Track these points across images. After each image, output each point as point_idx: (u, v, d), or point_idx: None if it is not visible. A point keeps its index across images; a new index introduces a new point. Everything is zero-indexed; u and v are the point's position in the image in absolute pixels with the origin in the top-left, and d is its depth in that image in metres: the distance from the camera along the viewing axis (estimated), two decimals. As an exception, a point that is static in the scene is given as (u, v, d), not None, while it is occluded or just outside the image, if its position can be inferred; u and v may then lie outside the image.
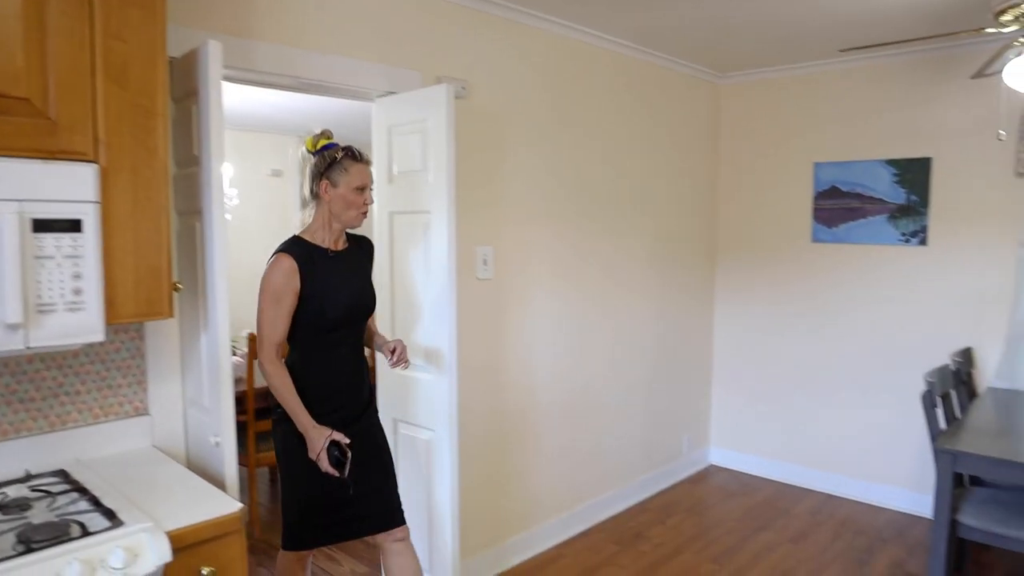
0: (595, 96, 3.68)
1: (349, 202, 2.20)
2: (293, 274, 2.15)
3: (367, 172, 2.23)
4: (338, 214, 2.22)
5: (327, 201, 2.22)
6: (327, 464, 2.14)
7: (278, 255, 2.18)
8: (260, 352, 2.18)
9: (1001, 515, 2.80)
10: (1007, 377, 3.64)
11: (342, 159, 2.20)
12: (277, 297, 2.15)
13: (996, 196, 3.68)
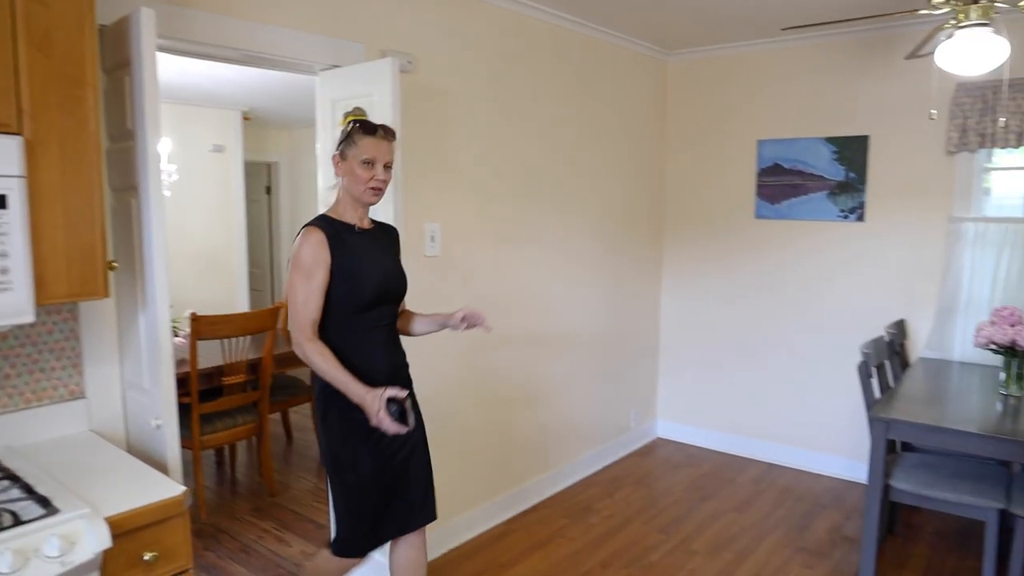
0: (544, 72, 3.66)
1: (356, 176, 2.08)
2: (323, 246, 2.03)
3: (379, 146, 2.08)
4: (349, 189, 2.12)
5: (339, 176, 2.14)
6: (389, 423, 1.98)
7: (306, 229, 2.07)
8: (296, 333, 2.03)
9: (929, 478, 2.93)
10: (937, 347, 3.80)
11: (352, 132, 2.10)
12: (308, 272, 2.02)
13: (929, 173, 3.81)
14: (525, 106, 3.57)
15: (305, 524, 3.57)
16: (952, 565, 3.21)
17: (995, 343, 3.03)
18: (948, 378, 3.46)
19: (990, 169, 3.76)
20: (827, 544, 3.40)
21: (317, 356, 2.02)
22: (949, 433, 2.72)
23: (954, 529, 3.56)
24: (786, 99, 4.22)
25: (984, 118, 3.54)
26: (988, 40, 2.44)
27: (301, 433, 4.95)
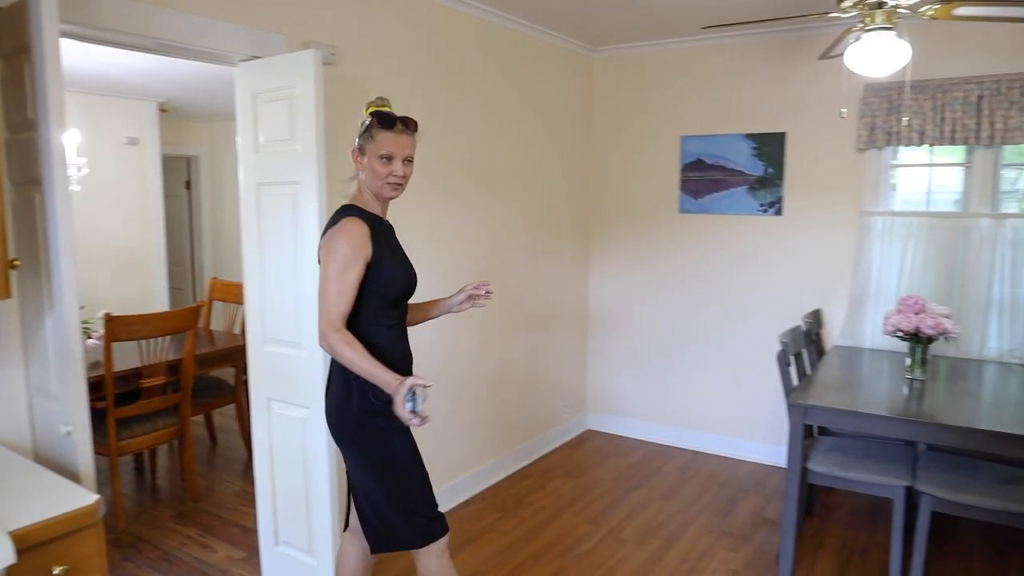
0: (471, 66, 3.65)
1: (374, 171, 2.03)
2: (367, 239, 1.98)
3: (397, 140, 2.02)
4: (368, 183, 2.07)
5: (359, 170, 2.10)
6: (403, 411, 1.88)
7: (349, 219, 1.98)
8: (324, 325, 1.93)
9: (844, 460, 3.08)
10: (850, 335, 3.98)
11: (370, 125, 2.04)
12: (347, 264, 1.94)
13: (841, 169, 3.98)
14: (453, 100, 3.55)
15: (231, 529, 3.47)
16: (864, 540, 3.38)
17: (901, 330, 3.20)
18: (860, 364, 3.63)
19: (896, 166, 3.96)
20: (750, 527, 3.52)
21: (346, 347, 1.92)
22: (861, 417, 2.85)
23: (866, 507, 3.75)
24: (708, 96, 4.34)
25: (890, 117, 3.73)
26: (892, 43, 2.57)
27: (226, 435, 4.81)
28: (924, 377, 3.26)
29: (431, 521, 2.13)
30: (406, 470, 2.10)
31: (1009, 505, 2.69)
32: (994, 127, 3.50)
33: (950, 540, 3.39)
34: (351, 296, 1.96)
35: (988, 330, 3.66)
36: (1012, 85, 3.45)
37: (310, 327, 2.56)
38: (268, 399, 2.77)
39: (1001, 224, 3.58)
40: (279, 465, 2.78)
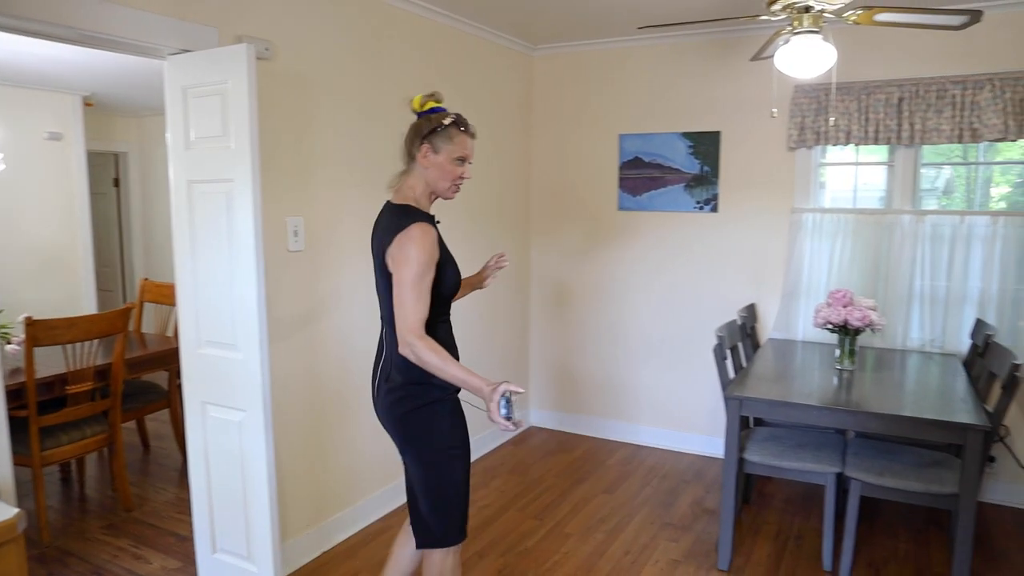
0: (409, 63, 3.62)
1: (446, 172, 2.07)
2: (435, 245, 2.01)
3: (471, 145, 2.10)
4: (433, 182, 2.10)
5: (423, 167, 2.09)
6: (499, 417, 1.90)
7: (420, 224, 1.98)
8: (408, 333, 1.93)
9: (778, 450, 3.17)
10: (783, 328, 4.11)
11: (449, 126, 2.06)
12: (424, 271, 1.96)
13: (773, 168, 4.11)
14: (392, 97, 3.51)
15: (166, 538, 3.37)
16: (799, 526, 3.50)
17: (831, 323, 3.32)
18: (793, 356, 3.75)
19: (825, 164, 4.10)
20: (690, 517, 3.60)
21: (432, 354, 1.93)
22: (794, 407, 2.95)
23: (801, 494, 3.88)
24: (645, 95, 4.41)
25: (818, 117, 3.86)
26: (818, 46, 2.66)
27: (159, 441, 4.66)
28: (852, 367, 3.39)
29: (462, 522, 2.17)
30: (455, 464, 2.13)
31: (931, 487, 2.83)
32: (914, 128, 3.66)
33: (878, 522, 3.54)
34: (428, 301, 1.98)
35: (911, 321, 3.83)
36: (929, 88, 3.61)
37: (246, 328, 2.50)
38: (203, 403, 2.70)
39: (921, 220, 3.75)
40: (215, 470, 2.71)
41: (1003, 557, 3.22)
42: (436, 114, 2.11)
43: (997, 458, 3.74)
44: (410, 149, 2.11)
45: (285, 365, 2.99)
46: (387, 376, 2.14)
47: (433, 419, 2.09)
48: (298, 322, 3.05)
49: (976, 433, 2.62)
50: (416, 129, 2.10)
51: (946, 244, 3.72)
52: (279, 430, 2.89)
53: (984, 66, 3.55)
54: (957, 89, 3.56)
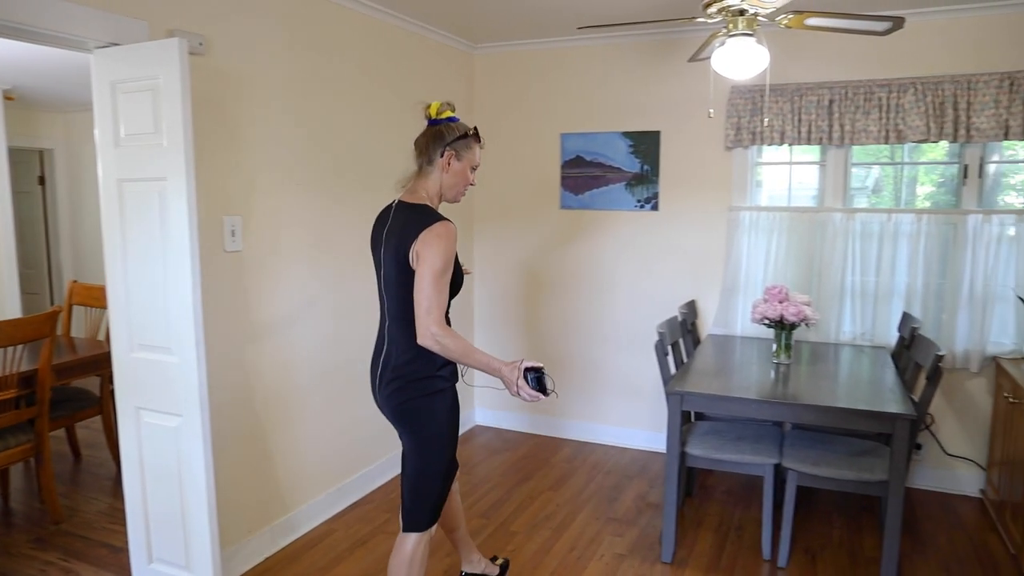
0: (349, 60, 3.57)
1: (462, 178, 2.24)
2: (456, 243, 2.13)
3: (480, 155, 2.29)
4: (449, 187, 2.24)
5: (443, 171, 2.21)
6: (529, 390, 2.10)
7: (445, 223, 2.10)
8: (432, 324, 2.04)
9: (719, 443, 3.25)
10: (722, 324, 4.21)
11: (471, 137, 2.23)
12: (446, 267, 2.08)
13: (712, 166, 4.20)
14: (332, 95, 3.46)
15: (98, 550, 3.24)
16: (739, 517, 3.59)
17: (768, 318, 3.41)
18: (732, 351, 3.84)
19: (761, 164, 4.21)
20: (634, 512, 3.66)
21: (453, 340, 2.06)
22: (733, 401, 3.02)
23: (741, 485, 3.98)
24: (586, 95, 4.45)
25: (754, 118, 3.96)
26: (752, 48, 2.73)
27: (91, 450, 4.49)
28: (789, 361, 3.49)
29: (435, 511, 2.32)
30: (442, 454, 2.28)
31: (862, 475, 2.94)
32: (843, 129, 3.79)
33: (814, 510, 3.66)
34: (447, 294, 2.12)
35: (843, 316, 3.97)
36: (857, 91, 3.75)
37: (181, 331, 2.43)
38: (137, 408, 2.61)
39: (852, 218, 3.89)
40: (151, 478, 2.63)
41: (930, 539, 3.37)
42: (455, 123, 2.23)
43: (924, 445, 3.92)
44: (430, 154, 2.22)
45: (224, 368, 2.91)
46: (389, 368, 2.25)
47: (431, 409, 2.23)
48: (237, 324, 2.98)
49: (903, 422, 2.73)
50: (438, 136, 2.22)
51: (875, 241, 3.87)
52: (218, 435, 2.82)
53: (907, 70, 3.70)
54: (883, 92, 3.70)
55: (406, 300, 2.15)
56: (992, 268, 3.67)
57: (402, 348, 2.21)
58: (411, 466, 2.28)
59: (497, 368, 2.13)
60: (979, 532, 3.45)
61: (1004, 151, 3.78)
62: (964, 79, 3.56)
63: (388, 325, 2.29)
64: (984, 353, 3.72)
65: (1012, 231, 3.63)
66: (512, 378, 2.11)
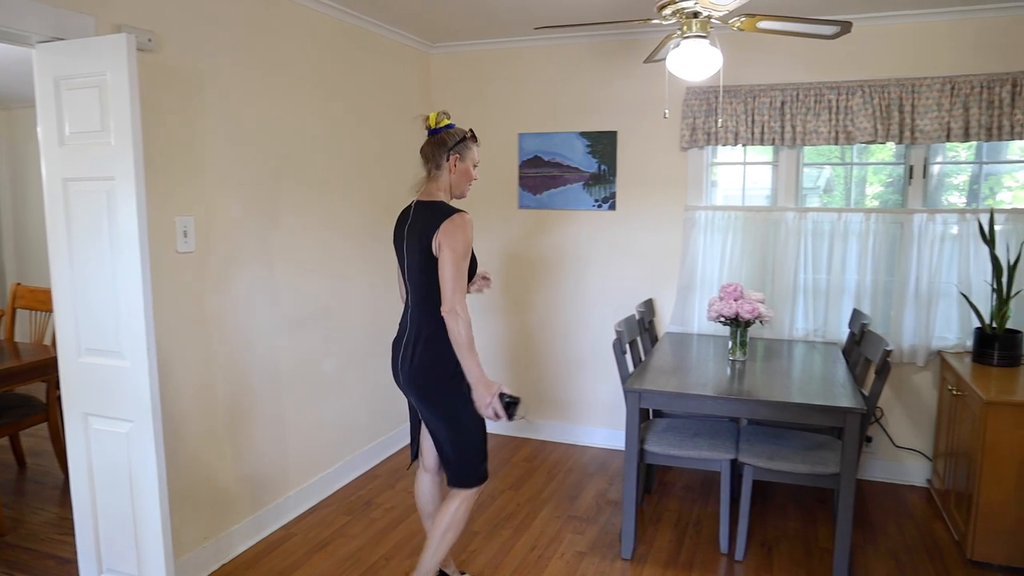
0: (305, 59, 3.52)
1: (467, 175, 2.55)
2: (471, 232, 2.42)
3: (478, 152, 2.59)
4: (456, 185, 2.54)
5: (450, 172, 2.51)
6: (496, 409, 2.37)
7: (463, 215, 2.41)
8: (455, 302, 2.33)
9: (677, 439, 3.29)
10: (679, 322, 4.26)
11: (469, 139, 2.52)
12: (466, 253, 2.39)
13: (668, 167, 4.25)
14: (288, 94, 3.41)
15: (45, 561, 3.14)
16: (698, 512, 3.64)
17: (723, 316, 3.47)
18: (689, 349, 3.89)
19: (716, 164, 4.28)
20: (595, 509, 3.68)
21: (466, 326, 2.35)
22: (690, 398, 3.07)
23: (699, 481, 4.04)
24: (544, 95, 4.47)
25: (709, 119, 4.03)
26: (706, 50, 2.77)
27: (37, 458, 4.34)
28: (744, 358, 3.55)
29: (482, 469, 2.57)
30: (472, 422, 2.50)
31: (815, 468, 3.00)
32: (795, 130, 3.88)
33: (770, 504, 3.73)
34: (467, 278, 2.41)
35: (796, 313, 4.06)
36: (808, 92, 3.84)
37: (132, 334, 2.37)
38: (86, 414, 2.54)
39: (804, 217, 3.98)
40: (101, 486, 2.56)
41: (880, 529, 3.46)
42: (453, 129, 2.52)
43: (874, 438, 4.03)
44: (437, 160, 2.51)
45: (177, 371, 2.85)
46: (412, 349, 2.50)
47: (453, 385, 2.45)
48: (190, 326, 2.92)
49: (854, 416, 2.81)
50: (441, 143, 2.50)
51: (826, 239, 3.96)
52: (171, 440, 2.76)
53: (855, 74, 3.80)
54: (832, 94, 3.80)
55: (428, 286, 2.43)
56: (936, 266, 3.79)
57: (425, 330, 2.46)
58: (446, 436, 2.50)
59: (480, 377, 2.38)
60: (926, 520, 3.56)
61: (947, 152, 3.91)
62: (909, 83, 3.67)
63: (412, 310, 2.54)
64: (929, 348, 3.85)
65: (955, 230, 3.76)
66: (488, 395, 2.37)
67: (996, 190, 3.91)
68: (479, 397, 2.39)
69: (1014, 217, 3.65)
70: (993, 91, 3.55)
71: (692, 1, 2.62)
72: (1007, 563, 3.06)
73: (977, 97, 3.58)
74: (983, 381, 3.21)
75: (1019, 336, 3.48)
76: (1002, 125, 3.55)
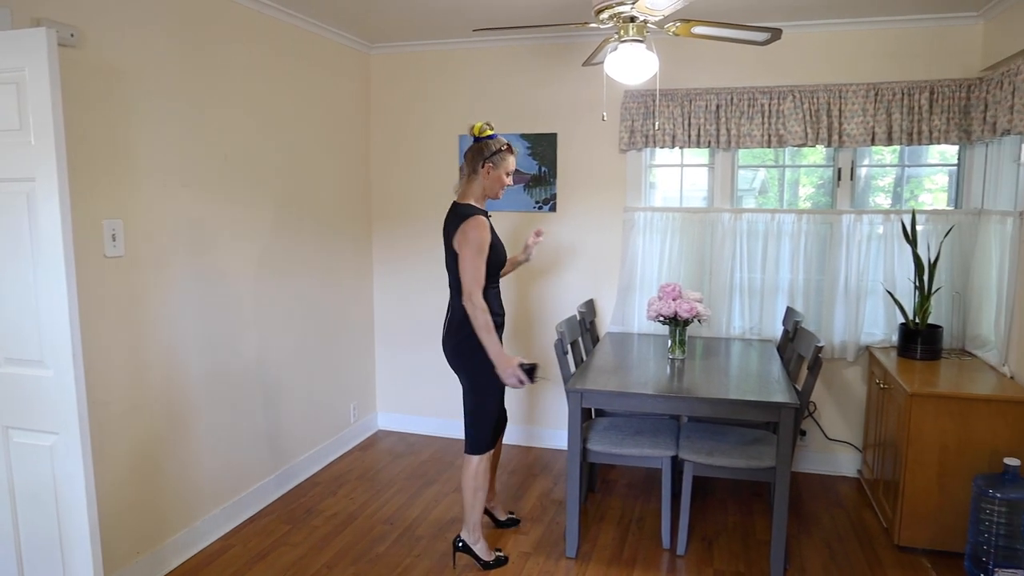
0: (242, 58, 3.44)
1: (500, 181, 2.94)
2: (488, 230, 2.85)
3: (515, 162, 2.97)
4: (490, 189, 2.94)
5: (485, 178, 2.92)
6: (520, 377, 2.81)
7: (479, 217, 2.84)
8: (472, 293, 2.78)
9: (618, 438, 3.33)
10: (620, 322, 4.32)
11: (505, 151, 2.92)
12: (481, 249, 2.81)
13: (607, 169, 4.30)
14: (224, 94, 3.32)
15: (-37, 583, 2.98)
16: (640, 509, 3.69)
17: (662, 315, 3.53)
18: (630, 349, 3.95)
19: (654, 166, 4.36)
20: (539, 509, 3.70)
21: (482, 313, 2.79)
22: (631, 396, 3.11)
23: (641, 479, 4.10)
24: (483, 96, 4.47)
25: (647, 122, 4.09)
26: (643, 54, 2.82)
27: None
28: (683, 356, 3.62)
29: (487, 440, 3.02)
30: (492, 394, 2.98)
31: (752, 462, 3.08)
32: (730, 133, 3.98)
33: (710, 498, 3.82)
34: (483, 271, 2.82)
35: (733, 311, 4.16)
36: (742, 96, 3.94)
37: (55, 343, 2.27)
38: (5, 427, 2.41)
39: (739, 218, 4.08)
40: (23, 503, 2.43)
41: (814, 519, 3.58)
42: (493, 140, 2.91)
43: (807, 431, 4.16)
44: (474, 165, 2.91)
45: (106, 381, 2.74)
46: (452, 328, 2.97)
47: (479, 358, 2.87)
48: (120, 333, 2.81)
49: (788, 410, 2.89)
50: (479, 151, 2.91)
51: (760, 240, 4.08)
52: (100, 453, 2.66)
53: (786, 79, 3.92)
54: (765, 99, 3.91)
55: (457, 276, 2.88)
56: (864, 264, 3.94)
57: (457, 314, 2.93)
58: (468, 404, 3.00)
59: (499, 353, 2.83)
60: (856, 509, 3.69)
61: (873, 156, 4.07)
62: (836, 88, 3.81)
63: (451, 294, 3.01)
64: (859, 343, 4.00)
65: (881, 230, 3.92)
66: (510, 368, 2.81)
67: (917, 192, 4.09)
68: (501, 371, 2.82)
69: (934, 218, 3.83)
70: (913, 98, 3.72)
71: (629, 6, 2.66)
72: (930, 546, 3.21)
73: (899, 103, 3.73)
74: (907, 374, 3.35)
75: (940, 331, 3.64)
76: (921, 130, 3.72)
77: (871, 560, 3.18)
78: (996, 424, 3.05)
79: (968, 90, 3.64)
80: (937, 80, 3.69)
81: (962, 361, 3.60)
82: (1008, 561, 2.87)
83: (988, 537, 2.89)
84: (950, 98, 3.67)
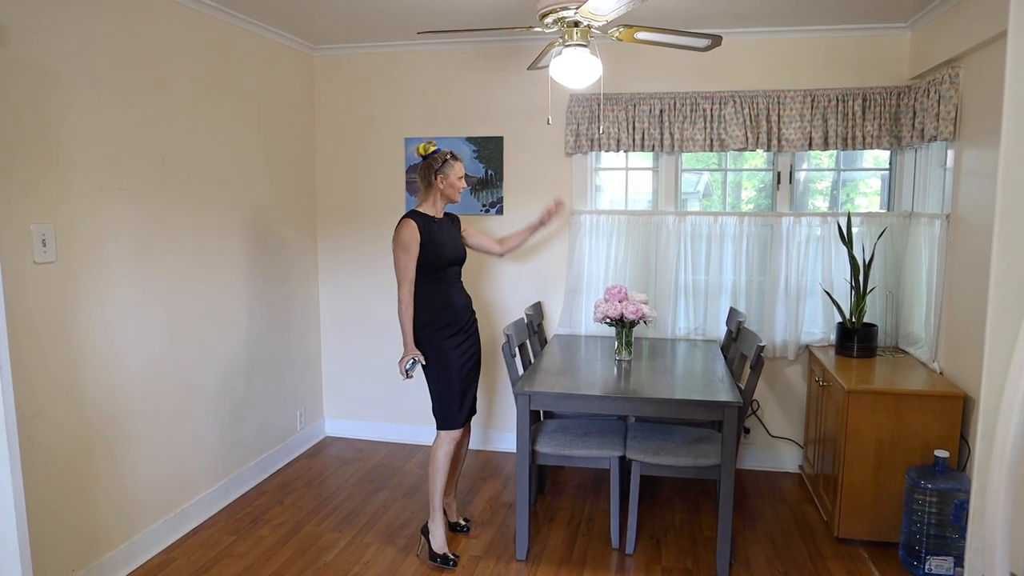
0: (180, 58, 3.35)
1: (454, 186, 3.17)
2: (415, 231, 3.07)
3: (462, 166, 3.21)
4: (447, 195, 3.18)
5: (439, 188, 3.15)
6: (404, 368, 3.09)
7: (406, 220, 3.09)
8: (401, 292, 3.08)
9: (567, 439, 3.35)
10: (568, 324, 4.35)
11: (450, 159, 3.15)
12: (406, 248, 3.06)
13: (553, 172, 4.33)
14: (162, 94, 3.23)
15: None
16: (590, 510, 3.72)
17: (609, 317, 3.57)
18: (578, 350, 3.98)
19: (600, 169, 4.41)
20: (489, 512, 3.70)
21: (406, 307, 3.09)
22: (579, 398, 3.13)
23: (590, 479, 4.13)
24: (429, 99, 4.45)
25: (592, 125, 4.14)
26: (587, 59, 2.85)
27: None
28: (630, 357, 3.67)
29: (455, 416, 3.19)
30: (449, 375, 3.17)
31: (698, 461, 3.14)
32: (673, 137, 4.05)
33: (657, 497, 3.87)
34: (413, 268, 3.09)
35: (678, 312, 4.23)
36: (684, 101, 4.02)
37: (-19, 353, 2.17)
38: (-73, 444, 2.29)
39: (683, 221, 4.16)
40: (-53, 521, 2.32)
41: (759, 515, 3.66)
42: (437, 154, 3.14)
43: (751, 429, 4.26)
44: (428, 180, 3.17)
45: (37, 392, 2.63)
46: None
47: (429, 342, 3.14)
48: (53, 342, 2.70)
49: (732, 409, 2.96)
50: (429, 167, 3.15)
51: (704, 242, 4.16)
52: (31, 466, 2.55)
53: (727, 84, 4.02)
54: (707, 104, 3.99)
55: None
56: (803, 265, 4.05)
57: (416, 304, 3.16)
58: (431, 383, 3.19)
59: (408, 342, 3.12)
60: (799, 504, 3.80)
61: (811, 160, 4.20)
62: (775, 94, 3.92)
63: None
64: (799, 342, 4.11)
65: (819, 231, 4.04)
66: (405, 357, 3.10)
67: (853, 195, 4.23)
68: (404, 355, 3.11)
69: (868, 220, 3.96)
70: (847, 104, 3.85)
71: (573, 11, 2.68)
72: (868, 538, 3.32)
73: (834, 109, 3.86)
74: (845, 372, 3.46)
75: (875, 329, 3.78)
76: (855, 136, 3.85)
77: (812, 553, 3.28)
78: (927, 418, 3.17)
79: (898, 97, 3.79)
80: (869, 87, 3.82)
81: (896, 358, 3.74)
82: (939, 549, 2.98)
83: (921, 527, 3.00)
84: (881, 105, 3.81)
